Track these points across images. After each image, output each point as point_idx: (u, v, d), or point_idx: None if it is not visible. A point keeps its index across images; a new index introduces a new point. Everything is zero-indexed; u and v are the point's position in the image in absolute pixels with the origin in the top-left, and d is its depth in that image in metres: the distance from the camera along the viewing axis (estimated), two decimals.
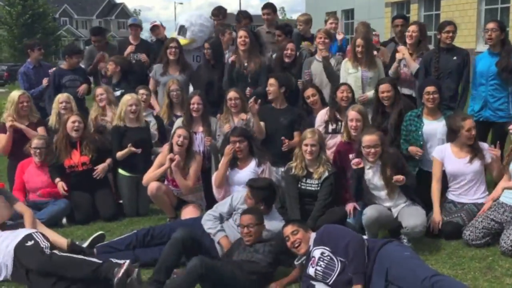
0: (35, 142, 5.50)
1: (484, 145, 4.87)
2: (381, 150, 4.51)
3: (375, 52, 6.12)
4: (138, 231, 4.53)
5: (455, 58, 5.67)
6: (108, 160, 5.66)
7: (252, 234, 4.02)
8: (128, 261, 3.79)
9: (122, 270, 3.70)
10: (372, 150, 4.49)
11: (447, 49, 5.73)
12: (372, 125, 5.16)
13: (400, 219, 4.47)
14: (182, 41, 6.76)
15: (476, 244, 4.50)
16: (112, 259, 3.90)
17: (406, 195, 4.54)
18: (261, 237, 4.08)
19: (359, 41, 5.82)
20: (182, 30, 6.89)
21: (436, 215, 4.73)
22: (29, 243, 4.01)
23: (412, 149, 5.12)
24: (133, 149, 5.53)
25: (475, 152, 4.78)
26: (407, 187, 4.49)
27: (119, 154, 5.62)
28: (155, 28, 7.52)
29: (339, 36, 6.85)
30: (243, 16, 7.28)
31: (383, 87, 5.34)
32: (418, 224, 4.33)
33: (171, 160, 5.02)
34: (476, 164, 4.77)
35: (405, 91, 5.96)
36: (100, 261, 3.86)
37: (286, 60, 6.14)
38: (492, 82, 5.39)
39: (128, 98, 5.73)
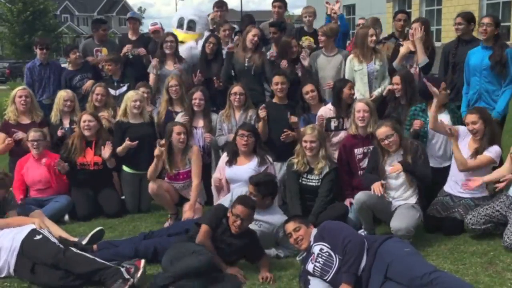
0: (31, 135, 5.51)
1: (495, 148, 4.74)
2: (398, 138, 4.53)
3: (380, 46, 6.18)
4: (139, 234, 4.58)
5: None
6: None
7: (243, 227, 4.02)
8: (131, 280, 3.73)
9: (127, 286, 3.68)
10: (386, 141, 4.53)
11: (466, 40, 5.72)
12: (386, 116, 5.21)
13: (392, 217, 4.48)
14: (192, 36, 6.75)
15: (475, 229, 4.50)
16: (120, 268, 3.83)
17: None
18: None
19: (371, 31, 5.81)
20: (191, 23, 6.86)
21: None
22: (38, 237, 4.04)
23: (416, 122, 5.10)
24: (128, 142, 5.52)
25: (478, 149, 4.72)
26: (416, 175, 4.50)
27: (119, 149, 5.64)
28: (156, 32, 7.49)
29: (336, 5, 6.74)
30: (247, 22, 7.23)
31: (394, 79, 5.41)
32: (402, 228, 4.31)
33: (159, 150, 5.05)
34: None
35: None
36: (107, 264, 3.87)
37: (293, 56, 6.12)
38: (486, 75, 5.39)
39: (132, 93, 5.75)
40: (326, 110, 5.48)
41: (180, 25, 6.93)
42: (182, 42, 6.79)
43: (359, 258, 3.52)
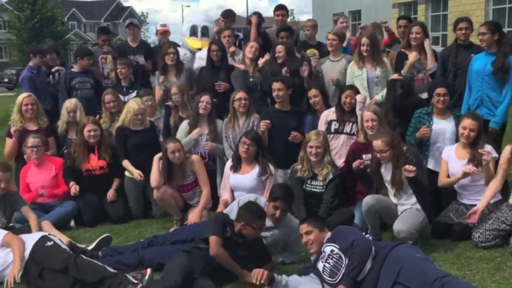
0: (30, 141, 5.53)
1: (487, 148, 4.76)
2: (392, 153, 4.50)
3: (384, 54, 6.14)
4: (143, 240, 4.54)
5: (473, 55, 5.62)
6: (116, 183, 5.68)
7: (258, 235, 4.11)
8: (140, 284, 3.74)
9: None
10: (378, 155, 4.56)
11: (465, 46, 5.71)
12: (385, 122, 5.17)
13: (396, 220, 4.48)
14: (208, 42, 6.80)
15: (485, 246, 4.47)
16: (127, 275, 3.84)
17: (416, 196, 4.53)
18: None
19: (364, 40, 5.82)
20: (204, 30, 6.96)
21: (466, 169, 4.61)
22: (49, 243, 4.07)
23: (421, 131, 5.09)
24: (138, 177, 5.52)
25: (474, 154, 4.72)
26: (417, 188, 4.47)
27: (125, 164, 5.65)
28: (165, 33, 7.53)
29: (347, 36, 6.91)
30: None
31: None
32: (404, 229, 4.31)
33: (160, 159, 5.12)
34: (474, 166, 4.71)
35: (422, 95, 5.82)
36: (115, 271, 3.88)
37: (278, 61, 6.11)
38: (488, 81, 5.37)
39: (133, 105, 5.70)
40: (329, 113, 5.50)
41: (193, 33, 6.99)
42: (201, 49, 6.88)
43: (362, 264, 3.52)
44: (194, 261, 3.83)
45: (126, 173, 5.73)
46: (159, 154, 5.19)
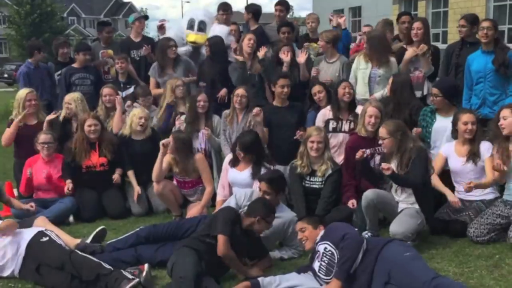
0: (42, 137, 5.53)
1: (486, 144, 4.76)
2: (391, 142, 4.51)
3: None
4: (140, 229, 4.48)
5: None
6: (119, 170, 5.67)
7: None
8: (137, 279, 3.74)
9: (130, 285, 3.67)
10: (381, 141, 4.62)
11: (470, 43, 5.68)
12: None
13: (393, 221, 4.47)
14: (203, 36, 6.78)
15: (480, 241, 4.47)
16: (123, 271, 3.83)
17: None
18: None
19: (364, 39, 5.80)
20: (201, 25, 6.91)
21: (451, 196, 4.69)
22: (44, 239, 4.06)
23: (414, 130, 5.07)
24: (136, 195, 5.53)
25: (473, 151, 4.72)
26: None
27: (129, 175, 5.66)
28: (162, 28, 7.53)
29: (341, 20, 6.93)
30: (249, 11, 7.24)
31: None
32: (399, 232, 4.31)
33: (164, 145, 5.07)
34: (474, 164, 4.72)
35: (417, 93, 5.79)
36: (111, 268, 3.86)
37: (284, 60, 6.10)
38: (490, 80, 5.35)
39: (138, 110, 5.75)
40: (326, 112, 5.49)
41: (190, 27, 6.96)
42: (194, 43, 6.84)
43: (354, 256, 3.51)
44: (200, 258, 3.77)
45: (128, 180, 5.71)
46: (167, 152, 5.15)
